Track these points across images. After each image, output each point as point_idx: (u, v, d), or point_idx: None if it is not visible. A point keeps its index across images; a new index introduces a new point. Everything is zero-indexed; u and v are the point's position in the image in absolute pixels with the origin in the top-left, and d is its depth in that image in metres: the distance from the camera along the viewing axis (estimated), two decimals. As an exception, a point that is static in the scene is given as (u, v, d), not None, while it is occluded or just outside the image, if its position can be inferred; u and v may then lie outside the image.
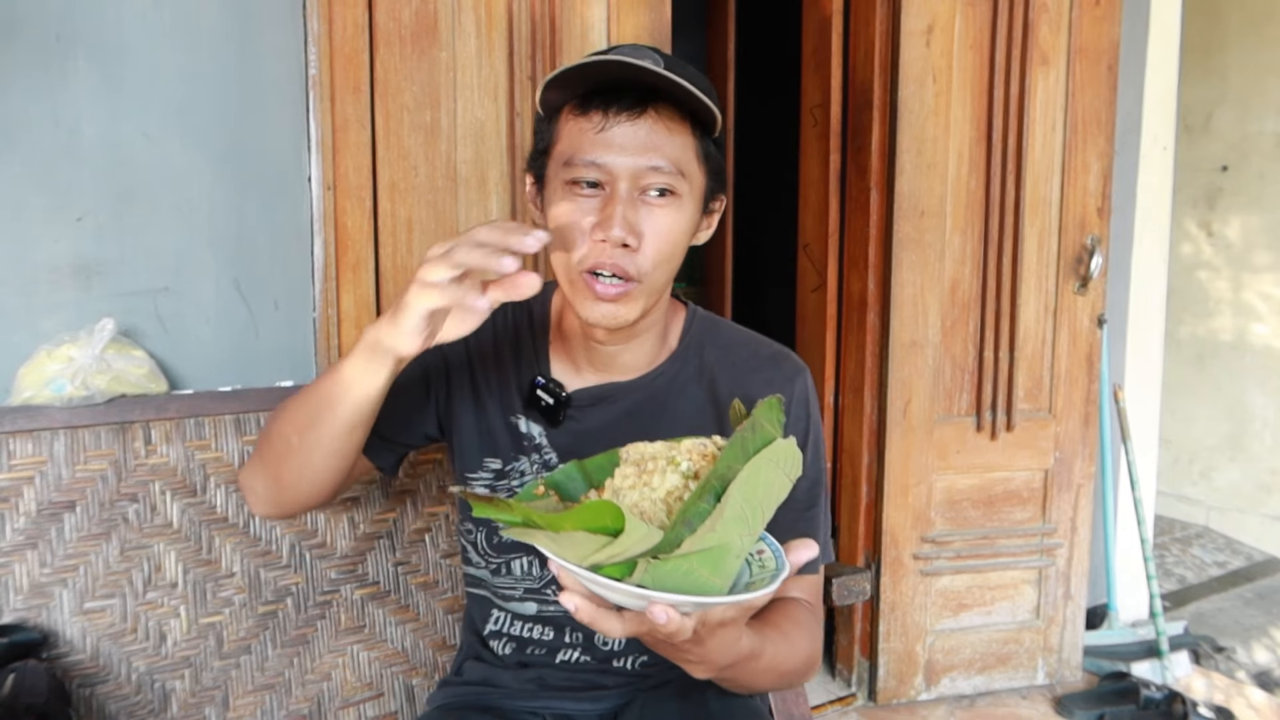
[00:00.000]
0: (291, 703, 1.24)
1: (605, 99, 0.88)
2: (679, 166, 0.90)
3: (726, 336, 1.08)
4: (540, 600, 1.06)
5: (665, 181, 0.89)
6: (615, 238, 0.87)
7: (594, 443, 0.99)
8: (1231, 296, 3.51)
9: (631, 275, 0.90)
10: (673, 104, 0.89)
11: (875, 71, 2.14)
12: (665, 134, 0.89)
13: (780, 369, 1.05)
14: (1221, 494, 3.58)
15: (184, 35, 1.42)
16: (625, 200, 0.88)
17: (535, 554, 1.04)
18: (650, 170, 0.89)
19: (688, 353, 1.05)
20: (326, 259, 1.53)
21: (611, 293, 0.90)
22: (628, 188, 0.89)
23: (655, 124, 0.89)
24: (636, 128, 0.88)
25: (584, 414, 1.02)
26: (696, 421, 1.02)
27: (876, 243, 2.19)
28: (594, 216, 0.89)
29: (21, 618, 1.08)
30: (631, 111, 0.88)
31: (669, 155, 0.89)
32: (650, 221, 0.90)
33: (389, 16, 1.55)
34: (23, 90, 1.31)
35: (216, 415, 1.21)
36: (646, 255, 0.90)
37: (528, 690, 1.06)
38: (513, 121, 1.65)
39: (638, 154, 0.88)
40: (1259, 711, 2.29)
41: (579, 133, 0.90)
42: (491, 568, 1.06)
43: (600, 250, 0.89)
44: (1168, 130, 2.58)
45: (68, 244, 1.36)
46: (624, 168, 0.88)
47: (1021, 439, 2.26)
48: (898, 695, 2.24)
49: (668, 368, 1.04)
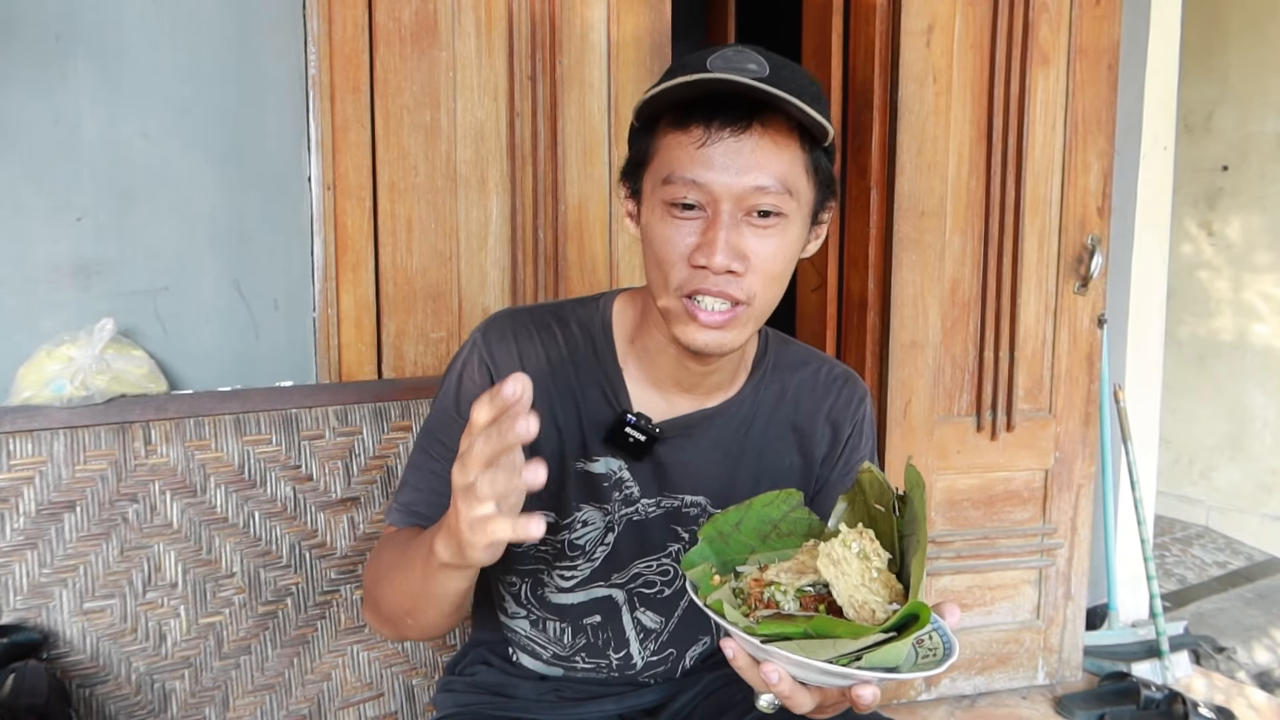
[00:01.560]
0: (291, 703, 1.24)
1: (707, 112, 0.81)
2: (786, 185, 0.83)
3: (799, 356, 1.05)
4: (568, 667, 1.04)
5: (772, 203, 0.82)
6: (718, 265, 0.81)
7: (681, 472, 0.98)
8: (1232, 296, 3.51)
9: (739, 299, 0.84)
10: (781, 115, 0.81)
11: (875, 71, 2.13)
12: (772, 150, 0.82)
13: (855, 389, 1.05)
14: (1222, 494, 3.58)
15: (184, 35, 1.42)
16: (728, 224, 0.82)
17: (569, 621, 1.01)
18: (756, 190, 0.81)
19: (767, 375, 1.01)
20: (326, 259, 1.53)
21: (717, 320, 0.84)
22: (731, 209, 0.82)
23: (761, 139, 0.81)
24: (741, 143, 0.81)
25: (671, 444, 0.96)
26: (778, 448, 1.01)
27: (876, 242, 2.18)
28: (694, 239, 0.83)
29: (21, 618, 1.08)
30: (735, 126, 0.80)
31: (776, 173, 0.82)
32: (756, 245, 0.83)
33: (389, 16, 1.55)
34: (22, 90, 1.31)
35: (216, 415, 1.21)
36: (754, 279, 0.84)
37: (546, 701, 1.05)
38: (512, 121, 1.65)
39: (742, 173, 0.81)
40: (1259, 712, 2.28)
41: (678, 147, 0.83)
42: (532, 619, 1.02)
43: (702, 277, 0.83)
44: (1168, 130, 2.58)
45: (67, 244, 1.36)
46: (727, 188, 0.81)
47: (1022, 439, 2.25)
48: (898, 695, 2.24)
49: (749, 392, 1.00)
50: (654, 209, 0.86)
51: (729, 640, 0.70)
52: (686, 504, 0.99)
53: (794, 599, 0.72)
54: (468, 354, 0.96)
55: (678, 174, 0.82)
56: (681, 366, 0.94)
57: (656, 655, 1.04)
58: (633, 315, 0.98)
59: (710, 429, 0.98)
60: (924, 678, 0.70)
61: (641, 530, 0.99)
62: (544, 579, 1.00)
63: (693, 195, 0.82)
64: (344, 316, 1.55)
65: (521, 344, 0.95)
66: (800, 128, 0.83)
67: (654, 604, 1.02)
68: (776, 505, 0.81)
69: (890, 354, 2.15)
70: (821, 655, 0.65)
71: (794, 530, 0.81)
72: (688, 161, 0.82)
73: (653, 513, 0.99)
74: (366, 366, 1.57)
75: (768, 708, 0.74)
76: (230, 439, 1.20)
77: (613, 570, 1.00)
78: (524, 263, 1.68)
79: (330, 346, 1.54)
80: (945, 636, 0.73)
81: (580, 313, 0.99)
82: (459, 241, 1.64)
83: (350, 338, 1.56)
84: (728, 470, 0.99)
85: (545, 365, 0.95)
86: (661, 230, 0.85)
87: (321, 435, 1.26)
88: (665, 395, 0.97)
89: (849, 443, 1.04)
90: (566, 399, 0.95)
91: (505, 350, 0.94)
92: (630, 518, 0.98)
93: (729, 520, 0.80)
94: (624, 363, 0.97)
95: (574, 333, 0.97)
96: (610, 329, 0.98)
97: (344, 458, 1.27)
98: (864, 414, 1.05)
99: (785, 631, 0.67)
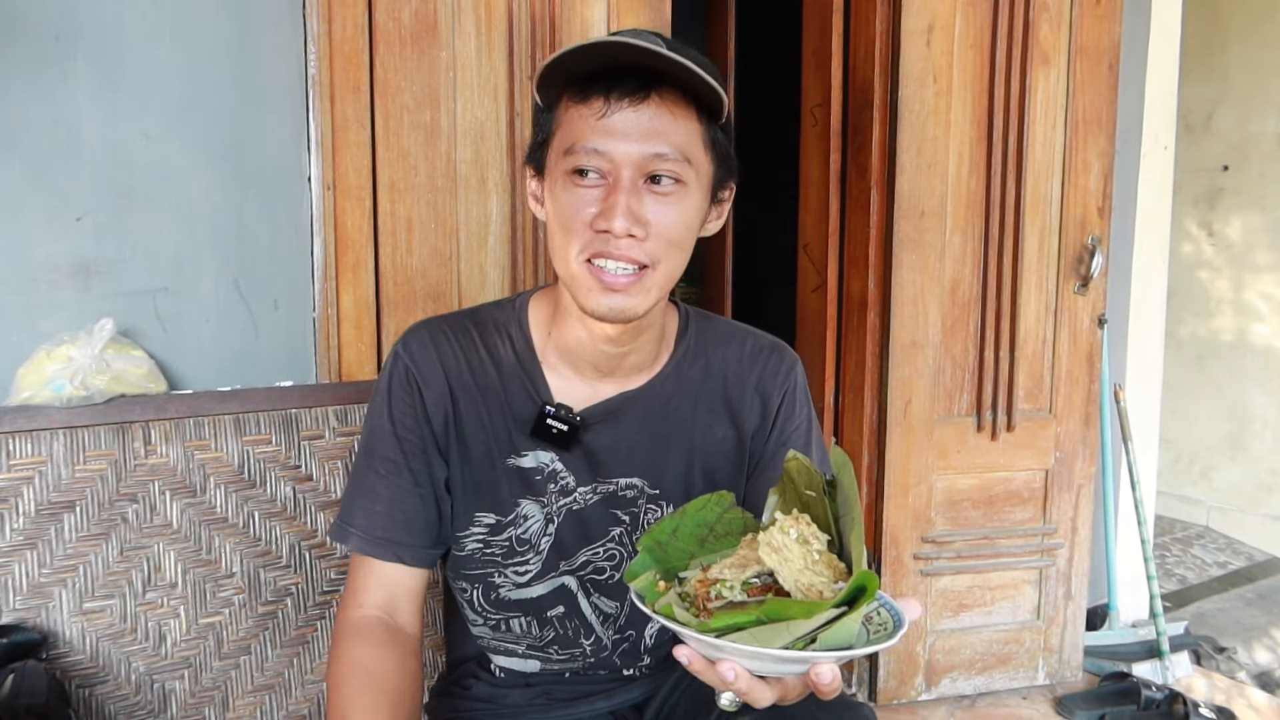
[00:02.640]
0: (291, 703, 1.24)
1: (606, 84, 0.83)
2: (685, 153, 0.85)
3: (724, 331, 1.06)
4: (544, 659, 1.04)
5: (671, 169, 0.85)
6: (619, 229, 0.83)
7: (612, 457, 0.99)
8: (1232, 296, 3.51)
9: (642, 262, 0.85)
10: (677, 88, 0.84)
11: (875, 71, 2.13)
12: (670, 119, 0.84)
13: (783, 359, 1.05)
14: (1222, 494, 3.58)
15: (184, 35, 1.42)
16: (629, 189, 0.84)
17: (533, 615, 1.01)
18: (655, 157, 0.84)
19: (689, 351, 1.02)
20: (326, 259, 1.53)
21: (622, 281, 0.85)
22: (631, 176, 0.84)
23: (659, 109, 0.84)
24: (639, 113, 0.83)
25: (597, 430, 0.98)
26: (708, 422, 1.01)
27: (876, 242, 2.18)
28: (596, 207, 0.84)
29: (21, 618, 1.08)
30: (634, 96, 0.83)
31: (674, 142, 0.84)
32: (656, 211, 0.85)
33: (389, 16, 1.54)
34: (22, 90, 1.31)
35: (216, 415, 1.21)
36: (655, 244, 0.85)
37: (537, 705, 1.05)
38: (513, 121, 1.65)
39: (641, 140, 0.83)
40: (1260, 712, 2.28)
41: (579, 119, 0.85)
42: (491, 623, 1.03)
43: (604, 240, 0.84)
44: (1168, 130, 2.58)
45: (67, 244, 1.36)
46: (627, 155, 0.83)
47: (1022, 439, 2.25)
48: (898, 695, 2.24)
49: (672, 368, 1.01)
50: (557, 180, 0.88)
51: (681, 647, 0.70)
52: (622, 487, 1.00)
53: (741, 592, 0.72)
54: (392, 367, 0.98)
55: (579, 144, 0.84)
56: (598, 350, 0.95)
57: (619, 635, 1.05)
58: (547, 309, 1.00)
59: (635, 410, 0.99)
60: (880, 649, 0.70)
61: (581, 518, 1.00)
62: (495, 580, 1.00)
63: (594, 163, 0.84)
64: (344, 316, 1.55)
65: (441, 350, 0.97)
66: (697, 101, 0.86)
67: (606, 589, 1.03)
68: (710, 508, 0.82)
69: (890, 354, 2.15)
70: (778, 642, 0.66)
71: (730, 531, 0.82)
72: (589, 131, 0.84)
73: (590, 499, 1.00)
74: (366, 366, 1.57)
75: (729, 705, 0.73)
76: (230, 439, 1.20)
77: (560, 559, 1.01)
78: (524, 263, 1.68)
79: (330, 346, 1.54)
80: (893, 610, 0.74)
81: (496, 314, 1.01)
82: (459, 241, 1.64)
83: (350, 337, 1.56)
84: (659, 450, 1.00)
85: (466, 368, 0.97)
86: (564, 199, 0.87)
87: (321, 435, 1.26)
88: (587, 383, 0.98)
89: (780, 412, 1.04)
90: (490, 398, 0.97)
91: (427, 358, 0.96)
92: (569, 507, 0.99)
93: (665, 529, 0.81)
94: (543, 357, 0.99)
95: (491, 333, 0.99)
96: (526, 326, 1.00)
97: (344, 458, 1.27)
98: (794, 382, 1.04)
99: (739, 621, 0.67)
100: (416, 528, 0.96)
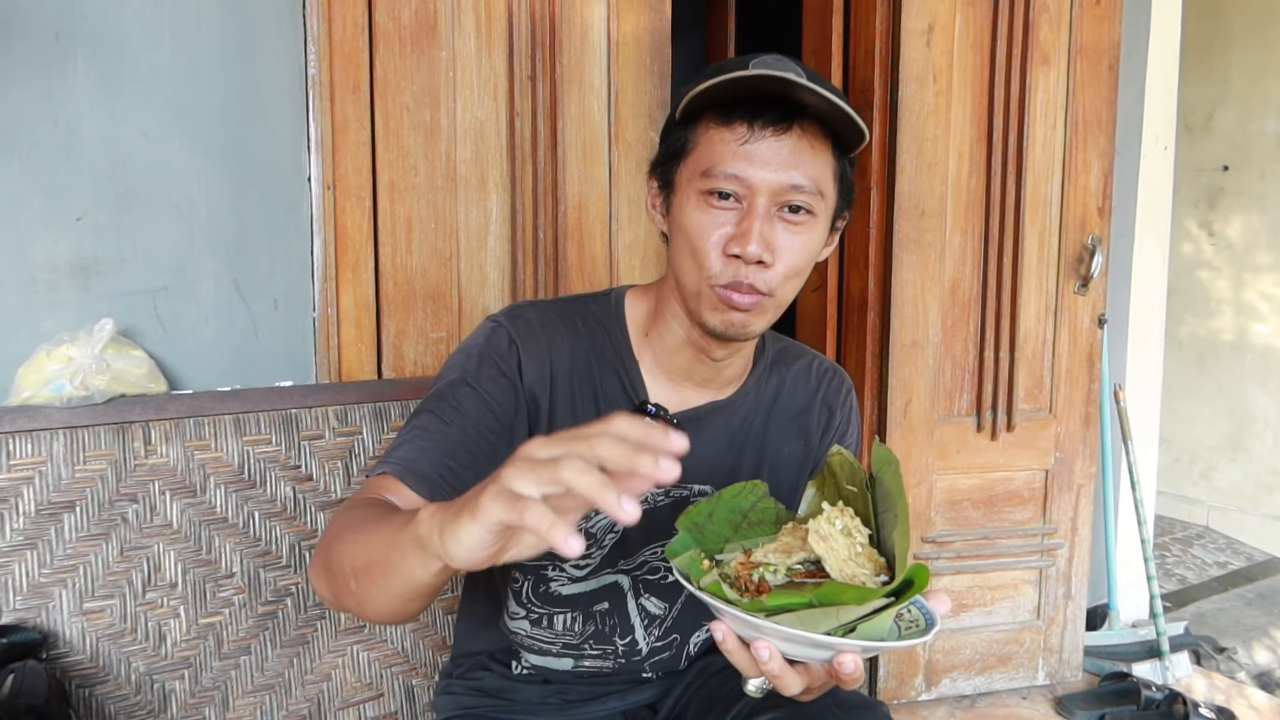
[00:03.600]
0: (291, 703, 1.24)
1: (751, 111, 0.86)
2: (818, 185, 0.88)
3: (792, 351, 1.10)
4: (577, 656, 1.04)
5: (805, 200, 0.88)
6: (751, 254, 0.85)
7: (690, 462, 0.95)
8: (1232, 296, 3.51)
9: (763, 291, 0.88)
10: (817, 122, 0.87)
11: (875, 71, 2.13)
12: (809, 152, 0.87)
13: (843, 380, 1.11)
14: (1222, 494, 3.58)
15: (184, 35, 1.42)
16: (763, 216, 0.86)
17: (579, 610, 1.00)
18: (791, 188, 0.87)
19: (767, 369, 1.06)
20: (326, 259, 1.53)
21: (746, 302, 0.88)
22: (766, 204, 0.87)
23: (800, 141, 0.87)
24: (781, 143, 0.86)
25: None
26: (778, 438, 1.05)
27: (876, 242, 2.18)
28: (729, 229, 0.87)
29: (21, 618, 1.08)
30: (778, 126, 0.86)
31: (810, 174, 0.87)
32: (786, 240, 0.88)
33: (389, 16, 1.54)
34: (22, 90, 1.31)
35: (216, 415, 1.21)
36: (778, 272, 0.88)
37: (550, 704, 1.05)
38: (512, 121, 1.65)
39: (780, 170, 0.86)
40: (1260, 712, 2.28)
41: (721, 143, 0.87)
42: (533, 618, 1.02)
43: (734, 267, 0.87)
44: (1169, 130, 2.58)
45: (67, 244, 1.36)
46: (766, 183, 0.86)
47: (1022, 439, 2.25)
48: (898, 695, 2.24)
49: (752, 385, 1.04)
50: (689, 198, 0.90)
51: (718, 623, 0.70)
52: (694, 493, 1.01)
53: (785, 577, 0.74)
54: (490, 334, 0.96)
55: (719, 167, 0.87)
56: (696, 360, 0.97)
57: (661, 641, 1.05)
58: (645, 309, 1.01)
59: (718, 420, 1.01)
60: (915, 644, 0.72)
61: (650, 519, 0.99)
62: (548, 574, 1.00)
63: (732, 187, 0.87)
64: (344, 316, 1.55)
65: (550, 333, 0.97)
66: (834, 135, 0.89)
67: (658, 589, 1.03)
68: (744, 496, 0.84)
69: (890, 354, 2.15)
70: (823, 626, 0.67)
71: (763, 519, 0.84)
72: (730, 156, 0.86)
73: (661, 501, 1.01)
74: (366, 366, 1.57)
75: (756, 691, 0.74)
76: (230, 439, 1.20)
77: (620, 557, 1.01)
78: (524, 263, 1.68)
79: (330, 346, 1.54)
80: (924, 609, 0.76)
81: (593, 307, 1.02)
82: (459, 241, 1.64)
83: (350, 338, 1.56)
84: (732, 460, 1.02)
85: (568, 354, 0.97)
86: (698, 218, 0.89)
87: (321, 435, 1.26)
88: (678, 388, 1.00)
89: (839, 428, 1.09)
90: (586, 388, 0.98)
91: (534, 335, 0.96)
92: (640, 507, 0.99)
93: (702, 511, 0.82)
94: (639, 355, 1.00)
95: (591, 326, 1.00)
96: (624, 323, 1.01)
97: (344, 458, 1.27)
98: (851, 403, 1.11)
99: (792, 602, 0.68)
100: (458, 478, 0.89)
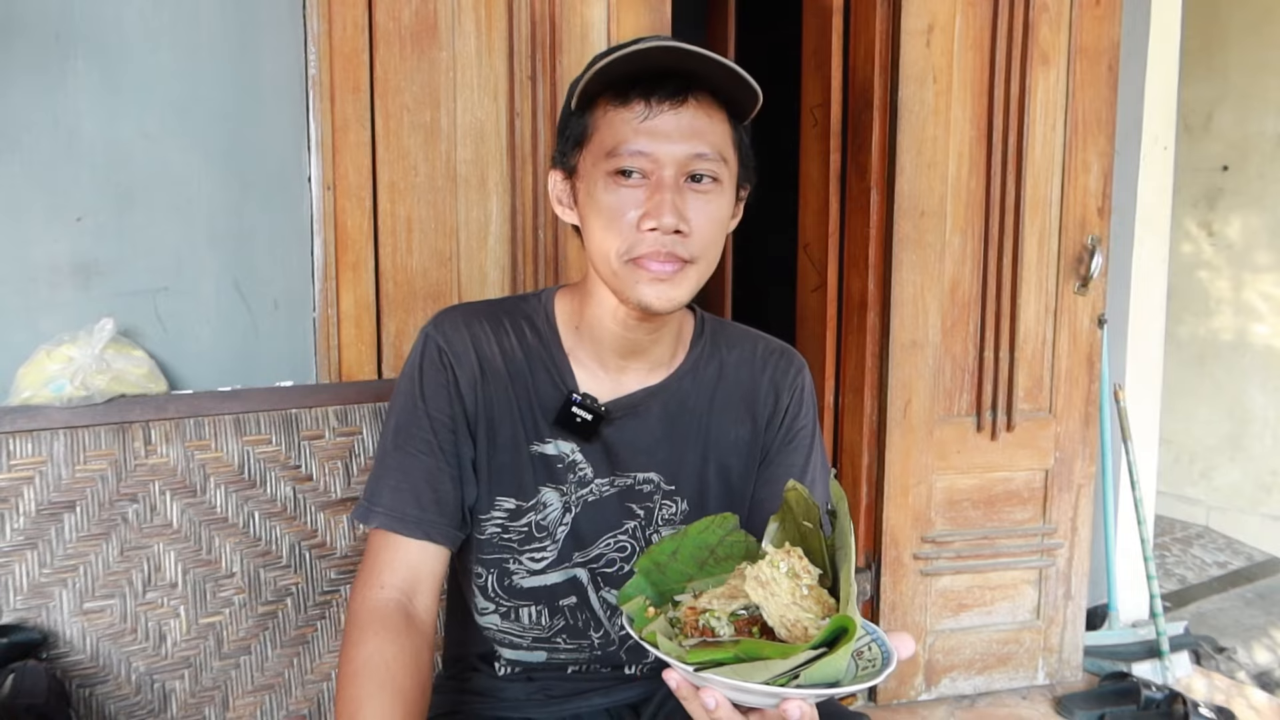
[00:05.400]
0: (291, 703, 1.24)
1: (646, 88, 0.87)
2: (720, 152, 0.90)
3: (737, 334, 1.10)
4: (550, 649, 1.04)
5: (709, 168, 0.89)
6: (668, 225, 0.87)
7: (631, 451, 1.01)
8: (1232, 296, 3.51)
9: (684, 258, 0.89)
10: (710, 91, 0.89)
11: (875, 71, 2.13)
12: (707, 121, 0.89)
13: (792, 361, 1.09)
14: (1222, 494, 3.58)
15: (184, 35, 1.42)
16: (672, 188, 0.88)
17: (544, 604, 1.02)
18: (695, 157, 0.88)
19: (705, 350, 1.06)
20: (326, 259, 1.53)
21: (669, 270, 0.89)
22: (673, 175, 0.88)
23: (697, 111, 0.88)
24: (680, 115, 0.88)
25: (618, 424, 1.00)
26: (723, 422, 1.04)
27: (876, 243, 2.18)
28: (640, 207, 0.88)
29: (21, 618, 1.08)
30: (674, 99, 0.87)
31: (712, 142, 0.89)
32: (697, 208, 0.89)
33: (389, 16, 1.55)
34: (23, 90, 1.31)
35: (216, 415, 1.21)
36: (696, 240, 0.90)
37: (535, 700, 1.06)
38: (512, 121, 1.65)
39: (682, 141, 0.88)
40: (1260, 712, 2.28)
41: (621, 123, 0.89)
42: (501, 611, 1.03)
43: (652, 239, 0.88)
44: (1168, 130, 2.58)
45: (67, 244, 1.36)
46: (670, 156, 0.88)
47: (1022, 439, 2.25)
48: (898, 695, 2.24)
49: (689, 367, 1.04)
50: (596, 182, 0.91)
51: (670, 672, 0.70)
52: (639, 481, 1.02)
53: (728, 624, 0.72)
54: (423, 348, 0.99)
55: (623, 146, 0.88)
56: (624, 335, 0.98)
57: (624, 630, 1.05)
58: (573, 303, 1.03)
59: (654, 406, 1.02)
60: (862, 689, 0.71)
61: (598, 510, 1.02)
62: (510, 566, 1.01)
63: (638, 164, 0.88)
64: (344, 316, 1.55)
65: (474, 332, 0.99)
66: (727, 104, 0.91)
67: (616, 581, 1.03)
68: (713, 530, 0.82)
69: (890, 354, 2.15)
70: (759, 676, 0.65)
71: (731, 554, 0.82)
72: (631, 134, 0.88)
73: (607, 492, 1.01)
74: (366, 366, 1.57)
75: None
76: (230, 439, 1.20)
77: (575, 550, 1.02)
78: (524, 263, 1.68)
79: (330, 346, 1.54)
80: (884, 645, 0.74)
81: (523, 305, 1.05)
82: (459, 241, 1.64)
83: (350, 337, 1.56)
84: (676, 447, 1.03)
85: (497, 351, 0.99)
86: (608, 199, 0.90)
87: (321, 435, 1.26)
88: (611, 375, 1.01)
89: (789, 410, 1.08)
90: (518, 384, 1.00)
91: (460, 339, 0.99)
92: (585, 499, 1.01)
93: (665, 550, 0.81)
94: (569, 348, 1.02)
95: (520, 323, 1.02)
96: (554, 318, 1.03)
97: (344, 458, 1.27)
98: (802, 384, 1.09)
99: (716, 658, 0.68)
100: (446, 506, 0.96)
